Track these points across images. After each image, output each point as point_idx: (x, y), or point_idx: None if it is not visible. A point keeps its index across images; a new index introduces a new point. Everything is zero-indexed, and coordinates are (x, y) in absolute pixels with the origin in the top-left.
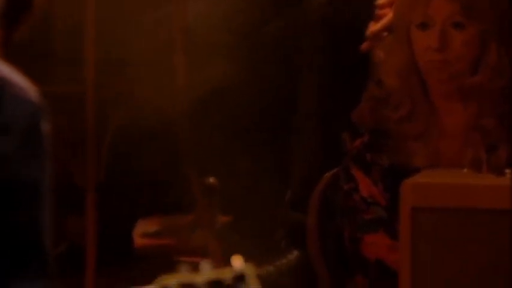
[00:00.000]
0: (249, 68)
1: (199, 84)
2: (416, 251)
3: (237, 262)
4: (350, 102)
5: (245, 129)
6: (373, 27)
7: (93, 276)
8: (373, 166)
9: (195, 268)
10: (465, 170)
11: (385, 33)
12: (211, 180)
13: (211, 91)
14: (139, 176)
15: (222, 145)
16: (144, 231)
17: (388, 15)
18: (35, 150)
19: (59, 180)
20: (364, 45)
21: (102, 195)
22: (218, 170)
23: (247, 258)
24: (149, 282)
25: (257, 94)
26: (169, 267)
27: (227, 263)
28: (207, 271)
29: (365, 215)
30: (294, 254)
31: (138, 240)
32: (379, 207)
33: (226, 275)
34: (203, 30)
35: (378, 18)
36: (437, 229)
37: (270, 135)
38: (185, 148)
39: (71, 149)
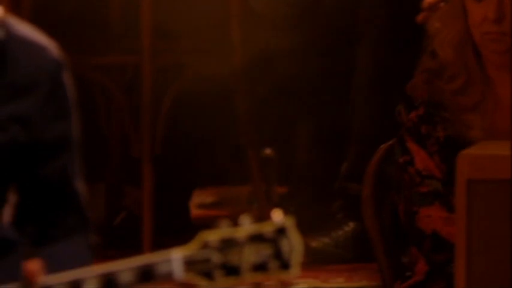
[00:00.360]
0: (306, 39)
1: (256, 55)
2: (472, 223)
3: (277, 215)
4: (405, 75)
5: (302, 101)
6: None
7: (150, 247)
8: (428, 138)
9: (235, 224)
10: None
11: (441, 4)
12: (268, 151)
13: (268, 61)
14: (195, 146)
15: (279, 116)
16: (200, 202)
17: None
18: (59, 108)
19: (115, 151)
20: (420, 17)
21: (158, 166)
22: (275, 140)
23: (304, 230)
24: None
25: (314, 66)
26: None
27: None
28: (247, 225)
29: (420, 187)
30: (350, 226)
31: (195, 211)
32: (434, 179)
33: (266, 228)
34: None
35: None
36: (493, 201)
37: (326, 107)
38: (242, 119)
39: (128, 119)
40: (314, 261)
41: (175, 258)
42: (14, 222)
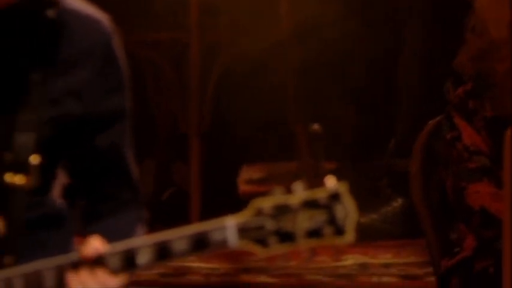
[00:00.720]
0: (354, 17)
1: (305, 32)
2: None
3: (330, 181)
4: (453, 51)
5: (351, 77)
6: None
7: (198, 222)
8: (475, 114)
9: (288, 191)
10: None
11: None
12: (316, 127)
13: (317, 39)
14: (244, 122)
15: (327, 92)
16: (248, 178)
17: None
18: (113, 80)
19: (164, 128)
20: None
21: (207, 142)
22: (323, 116)
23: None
24: None
25: (362, 43)
26: None
27: None
28: (300, 192)
29: (468, 163)
30: (398, 202)
31: (243, 187)
32: (482, 155)
33: (320, 194)
34: None
35: None
36: None
37: (374, 84)
38: (291, 95)
39: (176, 96)
40: (362, 237)
41: (229, 226)
42: (66, 196)
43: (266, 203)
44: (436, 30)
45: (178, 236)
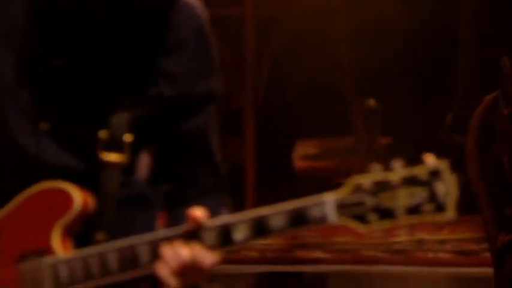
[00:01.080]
0: None
1: (360, 5)
2: None
3: (430, 158)
4: (510, 26)
5: (406, 52)
6: None
7: (253, 197)
8: None
9: (386, 168)
10: None
11: None
12: (372, 102)
13: (373, 12)
14: (299, 97)
15: (383, 67)
16: (303, 153)
17: None
18: (205, 64)
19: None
20: None
21: (261, 117)
22: (379, 91)
23: None
24: None
25: (419, 18)
26: (329, 189)
27: None
28: (399, 169)
29: None
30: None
31: (298, 162)
32: None
33: (420, 171)
34: None
35: None
36: None
37: (431, 58)
38: (346, 70)
39: (231, 71)
40: None
41: (328, 202)
42: (151, 180)
43: (365, 179)
44: (493, 4)
45: (275, 211)
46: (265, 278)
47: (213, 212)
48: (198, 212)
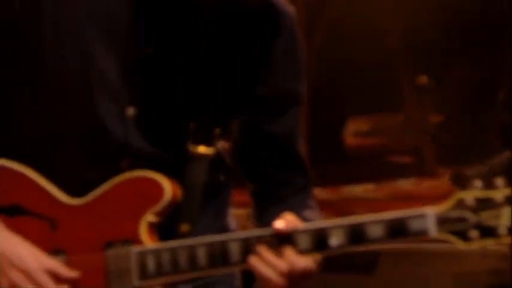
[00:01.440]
0: None
1: None
2: None
3: None
4: None
5: (460, 30)
6: None
7: None
8: None
9: (486, 184)
10: None
11: None
12: (424, 79)
13: None
14: (350, 74)
15: (435, 44)
16: (355, 131)
17: None
18: (294, 65)
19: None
20: None
21: (312, 94)
22: (431, 68)
23: (459, 159)
24: (361, 181)
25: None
26: (381, 167)
27: (439, 163)
28: (503, 187)
29: None
30: (506, 154)
31: (349, 140)
32: None
33: None
34: None
35: None
36: None
37: (483, 37)
38: (398, 47)
39: None
40: None
41: (429, 215)
42: (228, 176)
43: (468, 195)
44: None
45: (373, 220)
46: None
47: (301, 213)
48: (290, 216)
